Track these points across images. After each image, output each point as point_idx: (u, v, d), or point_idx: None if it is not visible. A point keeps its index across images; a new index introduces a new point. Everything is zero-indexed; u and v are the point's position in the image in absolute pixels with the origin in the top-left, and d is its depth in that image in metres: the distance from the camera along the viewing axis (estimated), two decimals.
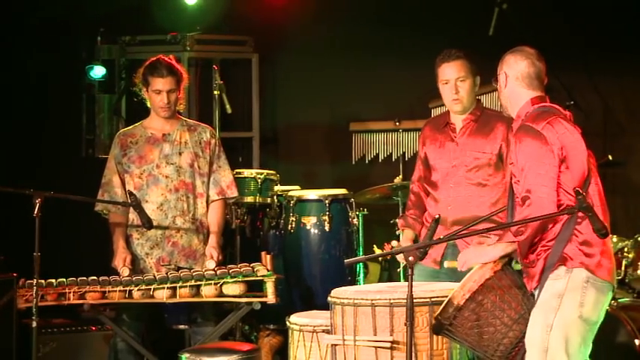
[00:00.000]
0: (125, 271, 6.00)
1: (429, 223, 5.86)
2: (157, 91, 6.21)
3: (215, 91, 7.54)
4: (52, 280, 5.95)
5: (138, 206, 6.00)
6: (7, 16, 7.96)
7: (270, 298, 5.97)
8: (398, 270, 7.54)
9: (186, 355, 5.76)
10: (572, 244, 4.56)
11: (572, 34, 8.07)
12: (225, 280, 5.94)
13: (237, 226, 7.44)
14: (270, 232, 7.51)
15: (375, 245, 8.17)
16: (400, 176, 7.86)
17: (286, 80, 9.21)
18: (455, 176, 5.80)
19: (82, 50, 8.43)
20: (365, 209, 7.49)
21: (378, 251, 8.07)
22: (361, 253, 7.40)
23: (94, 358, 7.14)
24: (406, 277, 4.46)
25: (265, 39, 8.96)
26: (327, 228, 7.19)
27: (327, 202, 7.21)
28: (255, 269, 5.99)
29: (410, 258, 4.44)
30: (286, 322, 5.62)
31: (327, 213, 7.20)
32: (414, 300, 4.45)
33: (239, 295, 5.98)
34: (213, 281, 5.93)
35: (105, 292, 5.94)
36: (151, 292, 5.93)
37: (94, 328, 7.18)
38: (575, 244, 4.56)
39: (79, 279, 5.96)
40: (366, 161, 8.90)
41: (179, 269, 6.09)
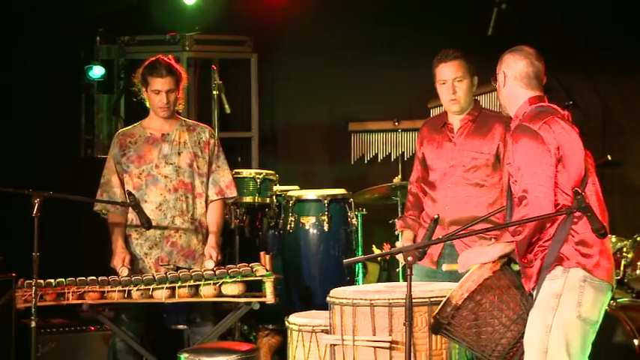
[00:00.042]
0: (124, 271, 6.00)
1: (426, 222, 5.87)
2: (156, 91, 6.20)
3: (214, 91, 7.54)
4: (51, 280, 5.95)
5: (137, 206, 6.00)
6: (6, 16, 7.95)
7: (269, 298, 5.97)
8: (397, 270, 7.54)
9: (185, 355, 5.76)
10: (568, 244, 4.55)
11: (571, 34, 8.07)
12: (224, 280, 5.94)
13: (236, 226, 7.43)
14: (269, 232, 7.51)
15: (374, 245, 8.18)
16: (399, 176, 7.85)
17: (285, 80, 9.20)
18: (452, 176, 5.80)
19: (80, 50, 8.42)
20: (364, 209, 7.49)
21: (377, 251, 8.08)
22: (360, 253, 7.39)
23: (93, 358, 7.14)
24: (405, 277, 4.46)
25: (264, 39, 8.96)
26: (326, 228, 7.19)
27: (326, 202, 7.20)
28: (254, 269, 5.99)
29: (409, 258, 4.44)
30: (285, 322, 5.62)
31: (326, 213, 7.19)
32: (413, 300, 4.45)
33: (238, 295, 5.98)
34: (212, 281, 5.93)
35: (104, 292, 5.94)
36: (150, 292, 5.93)
37: (93, 328, 7.18)
38: (572, 244, 4.55)
39: (78, 279, 5.96)
40: (365, 161, 8.90)
41: (178, 269, 6.09)
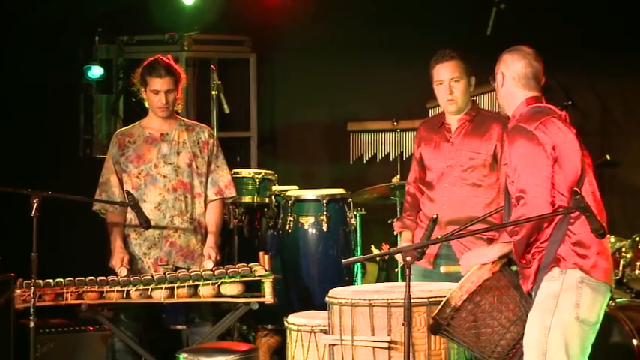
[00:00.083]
0: (123, 271, 6.00)
1: (422, 222, 5.87)
2: (155, 91, 6.20)
3: (213, 91, 7.54)
4: (50, 280, 5.95)
5: (135, 206, 6.00)
6: (4, 16, 7.95)
7: (268, 298, 5.97)
8: (396, 270, 7.54)
9: (184, 355, 5.76)
10: (565, 244, 4.55)
11: (570, 33, 8.06)
12: (223, 280, 5.94)
13: (235, 226, 7.43)
14: (268, 232, 7.50)
15: (373, 245, 8.18)
16: (398, 176, 7.85)
17: (284, 80, 9.20)
18: (450, 176, 5.80)
19: (79, 50, 8.42)
20: (363, 209, 7.49)
21: (375, 251, 8.07)
22: (359, 253, 7.38)
23: (91, 358, 7.14)
24: (404, 277, 4.46)
25: (263, 39, 8.95)
26: (324, 228, 7.18)
27: (324, 202, 7.20)
28: (253, 269, 5.99)
29: (408, 258, 4.44)
30: (284, 322, 5.63)
31: (325, 213, 7.18)
32: (411, 300, 4.45)
33: (237, 295, 5.98)
34: (210, 281, 5.93)
35: (103, 292, 5.94)
36: (149, 292, 5.93)
37: (91, 328, 7.18)
38: (568, 244, 4.55)
39: (76, 279, 5.96)
40: (364, 161, 8.90)
41: (177, 269, 6.08)
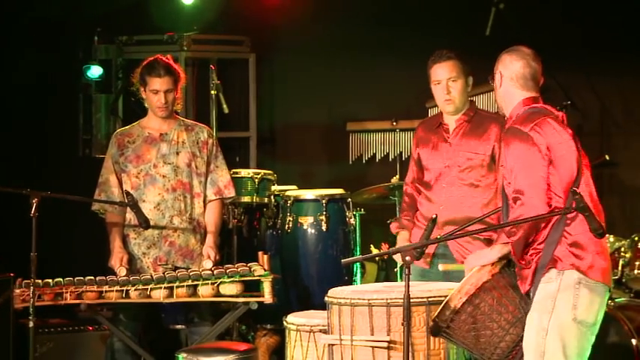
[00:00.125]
0: (122, 271, 6.00)
1: (420, 222, 5.87)
2: (155, 91, 6.21)
3: (212, 91, 7.54)
4: (49, 280, 5.95)
5: (135, 206, 6.00)
6: (3, 16, 7.94)
7: (267, 297, 5.98)
8: (395, 270, 7.54)
9: (183, 355, 5.76)
10: (562, 245, 4.54)
11: (570, 33, 8.06)
12: (222, 280, 5.94)
13: (234, 226, 7.43)
14: (267, 231, 7.50)
15: (372, 245, 8.18)
16: (397, 176, 7.84)
17: (283, 80, 9.20)
18: (448, 176, 5.80)
19: (79, 50, 8.41)
20: (362, 209, 7.49)
21: (375, 251, 8.08)
22: (358, 252, 7.39)
23: (91, 358, 7.13)
24: (403, 276, 4.46)
25: (262, 39, 8.95)
26: (324, 228, 7.19)
27: (324, 201, 7.20)
28: (252, 269, 5.99)
29: (407, 258, 4.45)
30: (283, 322, 5.62)
31: (324, 213, 7.19)
32: (410, 300, 4.45)
33: (236, 295, 5.98)
34: (210, 281, 5.93)
35: (102, 292, 5.94)
36: (148, 292, 5.93)
37: (91, 328, 7.18)
38: (565, 245, 4.54)
39: (75, 279, 5.96)
40: (363, 161, 8.89)
41: (176, 269, 6.09)
